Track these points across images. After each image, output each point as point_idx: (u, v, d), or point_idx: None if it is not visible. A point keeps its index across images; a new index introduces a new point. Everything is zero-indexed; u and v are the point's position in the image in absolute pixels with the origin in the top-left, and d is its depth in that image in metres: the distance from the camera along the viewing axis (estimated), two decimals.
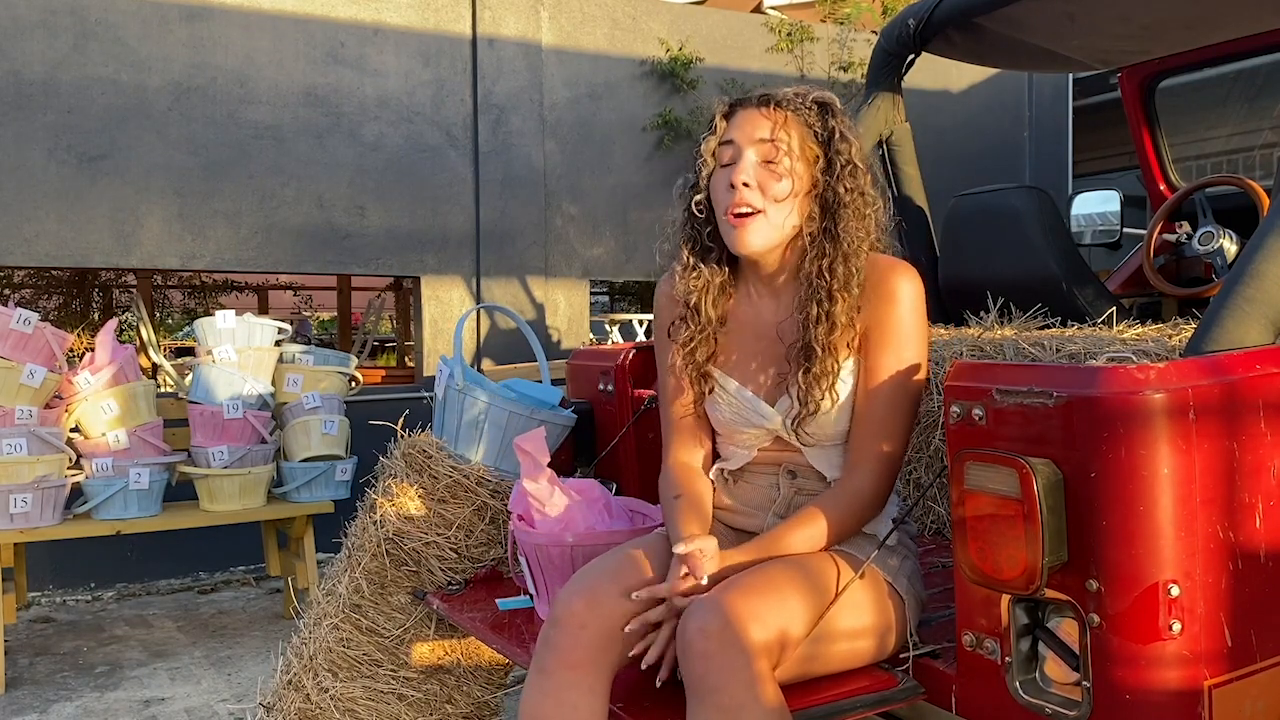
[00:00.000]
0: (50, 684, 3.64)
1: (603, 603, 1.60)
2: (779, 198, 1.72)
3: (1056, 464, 1.39)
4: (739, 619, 1.47)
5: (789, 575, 1.60)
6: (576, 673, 1.56)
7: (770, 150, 1.72)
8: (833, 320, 1.70)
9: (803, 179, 1.74)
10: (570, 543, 2.00)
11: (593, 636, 1.58)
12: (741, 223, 1.72)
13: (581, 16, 5.99)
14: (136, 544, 4.83)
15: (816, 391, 1.71)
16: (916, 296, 1.73)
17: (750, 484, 1.87)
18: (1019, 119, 7.48)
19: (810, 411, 1.72)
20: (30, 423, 3.69)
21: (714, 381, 1.85)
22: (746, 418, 1.82)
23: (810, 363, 1.71)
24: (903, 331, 1.72)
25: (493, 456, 2.43)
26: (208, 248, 5.06)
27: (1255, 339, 1.60)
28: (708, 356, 1.84)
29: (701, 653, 1.46)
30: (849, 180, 1.75)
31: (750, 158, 1.73)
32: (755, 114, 1.75)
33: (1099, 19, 2.79)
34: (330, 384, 4.29)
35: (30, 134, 4.69)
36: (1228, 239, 3.03)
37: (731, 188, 1.73)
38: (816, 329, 1.70)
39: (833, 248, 1.72)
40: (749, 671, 1.44)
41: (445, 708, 2.42)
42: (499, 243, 5.73)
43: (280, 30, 5.18)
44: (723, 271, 1.84)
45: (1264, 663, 1.44)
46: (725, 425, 1.86)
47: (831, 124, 1.76)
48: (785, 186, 1.72)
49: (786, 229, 1.75)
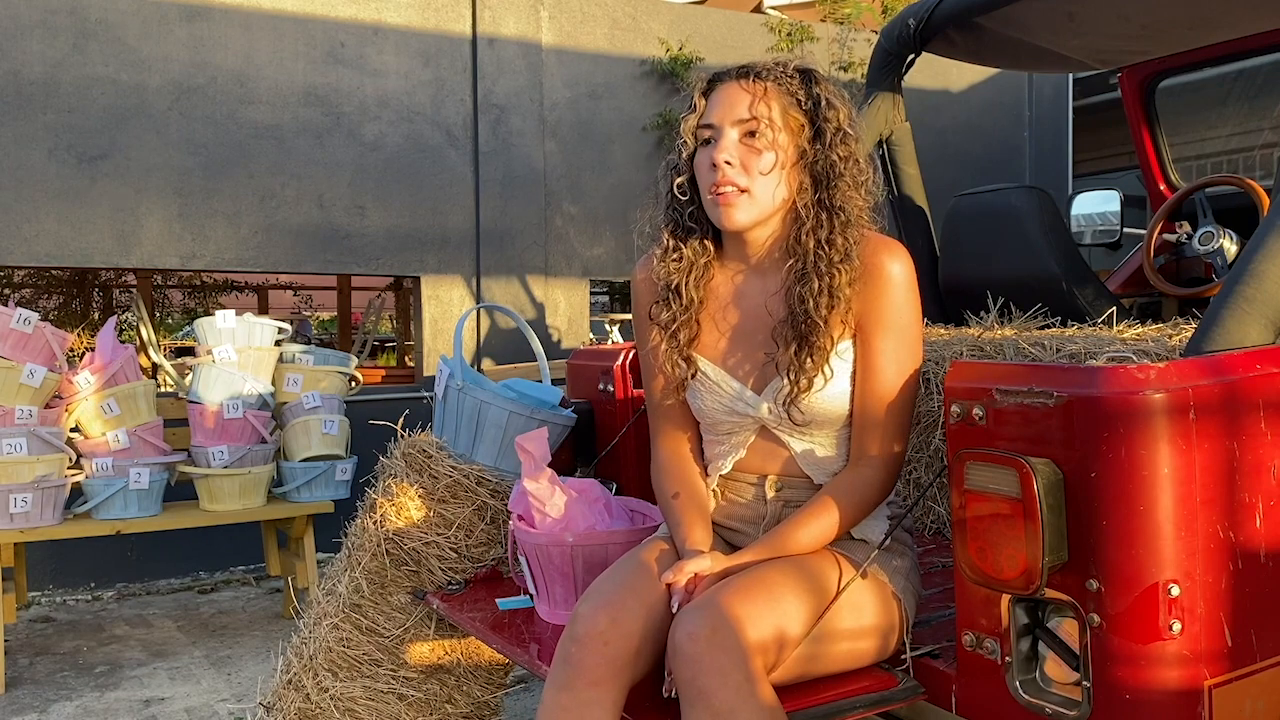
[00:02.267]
0: (50, 684, 3.64)
1: (624, 619, 1.56)
2: (764, 171, 1.67)
3: (1056, 464, 1.39)
4: (728, 621, 1.46)
5: (782, 575, 1.58)
6: (598, 690, 1.53)
7: (751, 124, 1.67)
8: (834, 293, 1.65)
9: (787, 150, 1.68)
10: (570, 543, 2.00)
11: (616, 653, 1.54)
12: (727, 200, 1.67)
13: (581, 16, 5.99)
14: (136, 544, 4.83)
15: (810, 366, 1.66)
16: (910, 277, 1.70)
17: (737, 497, 1.82)
18: (1019, 119, 7.48)
19: (803, 389, 1.67)
20: (30, 423, 3.69)
21: (696, 366, 1.79)
22: (730, 405, 1.77)
23: (807, 337, 1.66)
24: (900, 316, 1.68)
25: (493, 456, 2.43)
26: (208, 248, 5.06)
27: (1255, 339, 1.60)
28: (690, 339, 1.78)
29: (690, 656, 1.45)
30: (842, 148, 1.70)
31: (731, 135, 1.68)
32: (734, 88, 1.70)
33: (1099, 19, 2.79)
34: (330, 384, 4.29)
35: (30, 134, 4.69)
36: (1228, 239, 3.03)
37: (714, 167, 1.68)
38: (818, 301, 1.65)
39: (830, 218, 1.67)
40: (739, 674, 1.43)
41: (445, 708, 2.42)
42: (499, 243, 5.73)
43: (280, 30, 5.18)
44: (706, 251, 1.78)
45: (1264, 662, 1.44)
46: (708, 414, 1.80)
47: (816, 91, 1.71)
48: (769, 160, 1.67)
49: (775, 202, 1.69)
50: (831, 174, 1.68)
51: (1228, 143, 7.87)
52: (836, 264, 1.65)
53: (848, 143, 1.70)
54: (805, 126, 1.70)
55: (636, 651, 1.56)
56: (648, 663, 1.59)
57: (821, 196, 1.69)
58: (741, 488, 1.82)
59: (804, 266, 1.67)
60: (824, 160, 1.69)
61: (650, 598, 1.61)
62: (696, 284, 1.77)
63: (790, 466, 1.77)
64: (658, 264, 1.80)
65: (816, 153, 1.69)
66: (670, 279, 1.77)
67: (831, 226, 1.67)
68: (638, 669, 1.57)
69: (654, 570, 1.67)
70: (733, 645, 1.45)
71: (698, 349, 1.79)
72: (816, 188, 1.69)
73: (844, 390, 1.71)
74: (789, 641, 1.54)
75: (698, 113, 1.73)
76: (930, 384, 2.33)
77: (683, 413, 1.87)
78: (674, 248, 1.78)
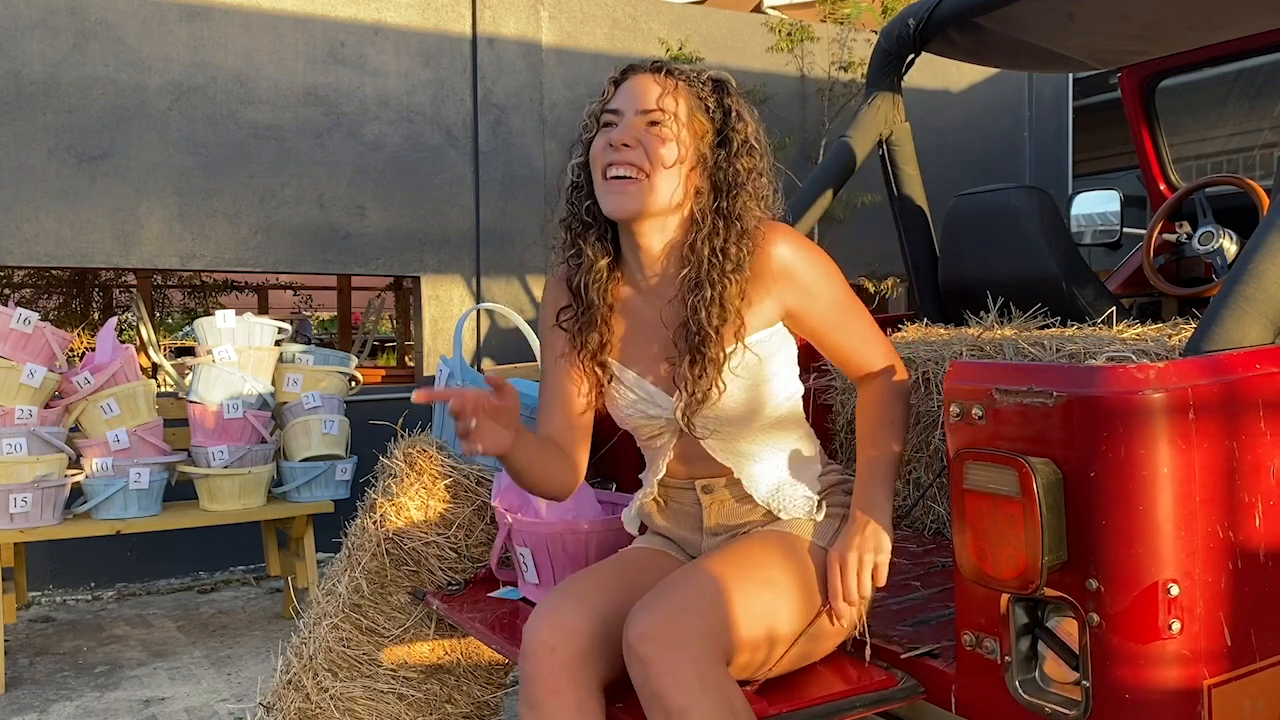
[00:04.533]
0: (50, 684, 3.64)
1: (566, 622, 1.57)
2: (666, 163, 1.62)
3: (1056, 463, 1.39)
4: (679, 619, 1.46)
5: (732, 566, 1.59)
6: (559, 697, 1.53)
7: (656, 115, 1.63)
8: (724, 304, 1.63)
9: (689, 150, 1.65)
10: (586, 529, 2.06)
11: (565, 657, 1.54)
12: (621, 186, 1.62)
13: (581, 16, 5.99)
14: (136, 544, 4.83)
15: (705, 380, 1.65)
16: (799, 242, 1.69)
17: (677, 504, 1.84)
18: (1019, 119, 7.48)
19: (698, 400, 1.66)
20: (30, 422, 3.69)
21: (610, 371, 1.76)
22: (643, 409, 1.76)
23: (699, 349, 1.65)
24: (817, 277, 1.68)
25: (492, 456, 2.43)
26: (208, 247, 5.06)
27: (1255, 338, 1.60)
28: (601, 344, 1.75)
29: (642, 657, 1.44)
30: (747, 159, 1.67)
31: (634, 121, 1.64)
32: (645, 79, 1.67)
33: (1099, 19, 2.79)
34: (330, 384, 4.30)
35: (30, 134, 4.69)
36: (1228, 239, 3.03)
37: (610, 147, 1.63)
38: (709, 312, 1.63)
39: (726, 227, 1.64)
40: (691, 673, 1.42)
41: (445, 708, 2.42)
42: (499, 243, 5.73)
43: (280, 30, 5.18)
44: (606, 252, 1.73)
45: (1264, 662, 1.44)
46: (626, 420, 1.79)
47: (727, 102, 1.69)
48: (671, 152, 1.63)
49: (671, 201, 1.65)
50: (734, 183, 1.66)
51: (1228, 143, 7.87)
52: (729, 273, 1.63)
53: (754, 155, 1.69)
54: (710, 133, 1.68)
55: (586, 651, 1.56)
56: (607, 661, 1.58)
57: (721, 204, 1.66)
58: (677, 493, 1.84)
59: (697, 275, 1.65)
60: (728, 168, 1.67)
61: (591, 597, 1.62)
62: (599, 288, 1.73)
63: (713, 468, 1.77)
64: (559, 263, 1.78)
65: (720, 160, 1.67)
66: (572, 279, 1.75)
67: (727, 236, 1.64)
68: (597, 668, 1.57)
69: (595, 574, 1.71)
70: (684, 642, 1.44)
71: (609, 354, 1.77)
72: (716, 195, 1.66)
73: (741, 401, 1.70)
74: (761, 626, 1.54)
75: (605, 98, 1.70)
76: (930, 384, 2.33)
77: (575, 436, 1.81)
78: (572, 243, 1.75)
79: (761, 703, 1.54)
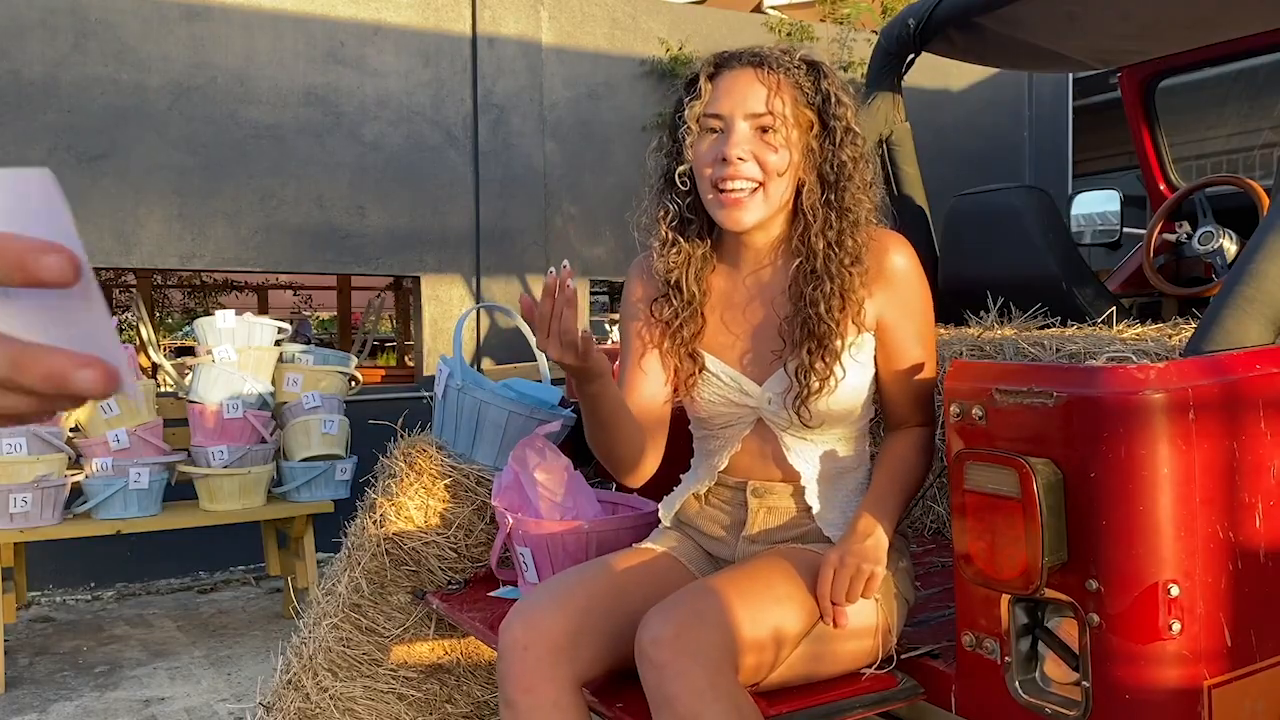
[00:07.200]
0: (50, 683, 3.64)
1: (537, 620, 1.56)
2: (780, 171, 1.59)
3: (1056, 464, 1.38)
4: (694, 624, 1.45)
5: (756, 576, 1.58)
6: (533, 695, 1.53)
7: (766, 120, 1.58)
8: (845, 296, 1.61)
9: (799, 148, 1.61)
10: (586, 530, 2.05)
11: (538, 656, 1.53)
12: (737, 201, 1.59)
13: (581, 16, 5.99)
14: (136, 544, 4.82)
15: (822, 369, 1.62)
16: (915, 261, 1.69)
17: (719, 503, 1.79)
18: (1019, 119, 7.48)
19: (814, 390, 1.63)
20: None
21: (702, 362, 1.73)
22: (728, 396, 1.72)
23: (821, 340, 1.62)
24: (917, 301, 1.69)
25: (492, 456, 2.43)
26: (208, 247, 5.06)
27: (1255, 338, 1.60)
28: (694, 334, 1.72)
29: (654, 662, 1.43)
30: (851, 148, 1.63)
31: (743, 128, 1.59)
32: (746, 76, 1.60)
33: (1099, 19, 2.79)
34: (330, 384, 4.29)
35: (30, 134, 4.69)
36: (1228, 239, 3.03)
37: (724, 161, 1.59)
38: (830, 304, 1.60)
39: (839, 219, 1.62)
40: (703, 679, 1.41)
41: (445, 708, 2.42)
42: (499, 242, 5.73)
43: (280, 30, 5.18)
44: (704, 244, 1.71)
45: (1264, 662, 1.44)
46: (707, 406, 1.75)
47: (825, 86, 1.63)
48: (783, 159, 1.59)
49: (781, 202, 1.63)
50: (841, 175, 1.63)
51: (1228, 143, 7.87)
52: (848, 266, 1.62)
53: (856, 143, 1.65)
54: (814, 124, 1.63)
55: (561, 648, 1.55)
56: (587, 658, 1.57)
57: (830, 197, 1.63)
58: (724, 491, 1.79)
59: (814, 268, 1.63)
60: (833, 160, 1.63)
61: (570, 595, 1.61)
62: (697, 279, 1.71)
63: (775, 471, 1.74)
64: (657, 259, 1.74)
65: (825, 151, 1.63)
66: (670, 274, 1.71)
67: (841, 228, 1.62)
68: (575, 665, 1.56)
69: (579, 571, 1.70)
70: (697, 649, 1.43)
71: (701, 344, 1.75)
72: (824, 188, 1.63)
73: (855, 388, 1.68)
74: (770, 641, 1.52)
75: (704, 98, 1.63)
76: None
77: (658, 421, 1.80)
78: (672, 241, 1.71)
79: (762, 703, 1.54)
